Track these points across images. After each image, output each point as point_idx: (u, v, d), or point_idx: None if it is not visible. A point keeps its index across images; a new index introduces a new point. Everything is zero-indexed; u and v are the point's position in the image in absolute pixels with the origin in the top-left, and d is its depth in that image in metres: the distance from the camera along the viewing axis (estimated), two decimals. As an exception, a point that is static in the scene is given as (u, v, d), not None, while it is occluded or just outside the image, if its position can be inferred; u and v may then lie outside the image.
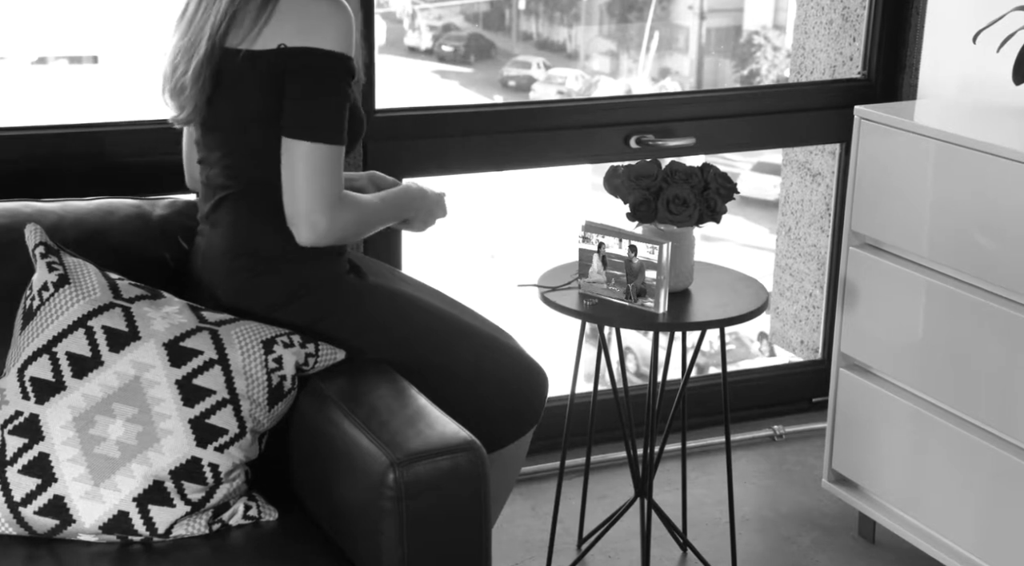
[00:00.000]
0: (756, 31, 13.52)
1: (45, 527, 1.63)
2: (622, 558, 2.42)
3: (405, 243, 2.62)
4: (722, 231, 3.48)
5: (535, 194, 4.41)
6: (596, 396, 2.39)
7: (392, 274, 2.09)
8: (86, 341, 1.67)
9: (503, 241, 3.53)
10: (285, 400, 1.74)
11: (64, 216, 1.86)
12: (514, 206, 4.62)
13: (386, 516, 1.57)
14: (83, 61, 10.05)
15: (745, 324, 2.24)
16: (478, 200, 4.48)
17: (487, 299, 3.67)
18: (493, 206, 4.59)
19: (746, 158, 10.81)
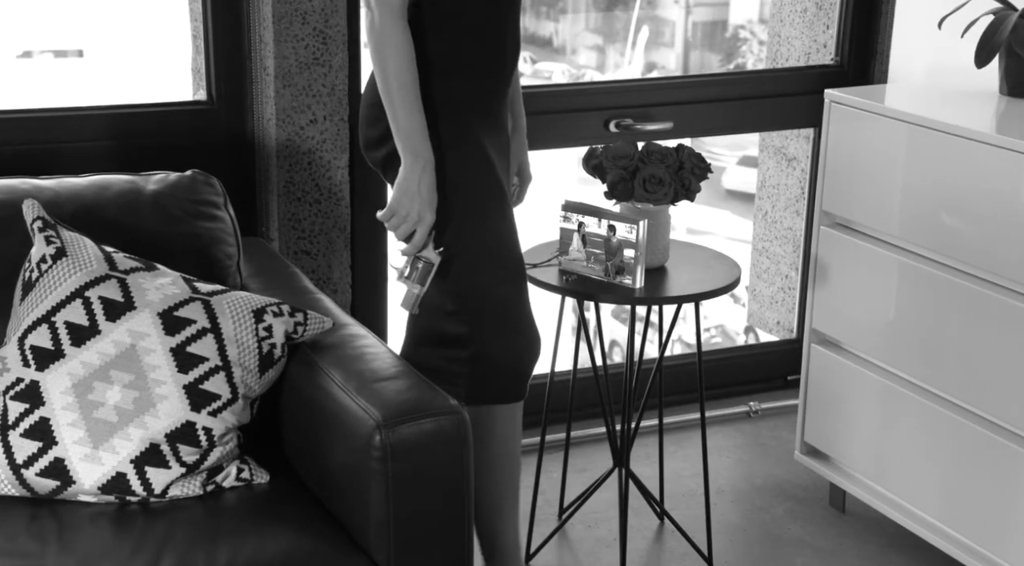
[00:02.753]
0: (742, 25, 13.61)
1: (46, 488, 1.70)
2: (601, 527, 2.50)
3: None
4: (708, 224, 3.56)
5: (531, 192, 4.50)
6: (576, 372, 2.46)
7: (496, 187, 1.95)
8: (84, 311, 1.74)
9: None
10: (275, 367, 1.81)
11: (60, 192, 1.93)
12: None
13: (373, 476, 1.64)
14: (68, 55, 10.07)
15: (732, 318, 2.30)
16: None
17: None
18: None
19: (731, 153, 10.89)
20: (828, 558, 2.42)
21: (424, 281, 1.89)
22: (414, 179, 1.82)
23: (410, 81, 1.80)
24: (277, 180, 2.45)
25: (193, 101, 2.49)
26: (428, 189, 1.84)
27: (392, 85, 1.80)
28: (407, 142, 1.82)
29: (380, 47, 1.79)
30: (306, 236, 2.50)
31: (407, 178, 1.82)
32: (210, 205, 2.03)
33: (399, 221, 1.85)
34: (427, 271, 1.88)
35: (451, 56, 1.87)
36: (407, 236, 1.87)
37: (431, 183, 1.84)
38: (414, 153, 1.81)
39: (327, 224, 2.51)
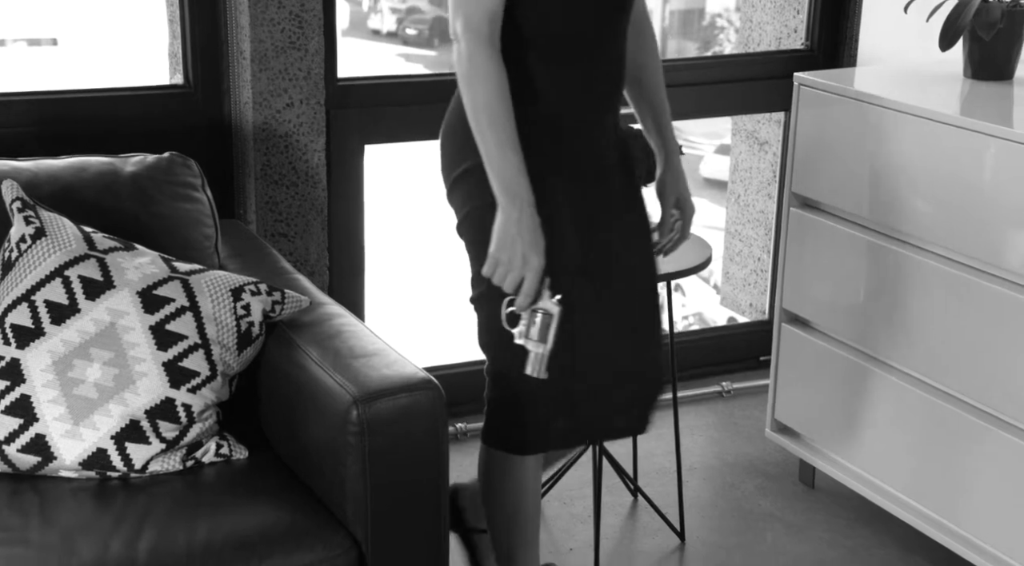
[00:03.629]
0: (719, 13, 13.65)
1: (28, 464, 1.72)
2: (576, 504, 2.55)
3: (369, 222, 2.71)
4: None
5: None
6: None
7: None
8: (63, 290, 1.76)
9: None
10: (253, 345, 1.84)
11: (38, 173, 1.95)
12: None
13: (349, 451, 1.67)
14: (42, 43, 10.01)
15: (713, 310, 2.33)
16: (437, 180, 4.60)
17: (463, 285, 3.78)
18: None
19: (709, 141, 10.95)
20: (798, 532, 2.47)
21: (546, 337, 1.67)
22: (512, 222, 1.66)
23: (502, 115, 1.65)
24: (254, 163, 2.47)
25: (170, 85, 2.51)
26: (530, 231, 1.66)
27: (483, 120, 1.66)
28: (502, 182, 1.66)
29: (469, 79, 1.66)
30: (283, 219, 2.52)
31: (506, 221, 1.66)
32: (188, 187, 2.05)
33: (504, 271, 1.67)
34: (547, 324, 1.66)
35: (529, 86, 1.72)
36: (516, 287, 1.68)
37: (532, 224, 1.67)
38: (510, 194, 1.66)
39: (304, 207, 2.53)
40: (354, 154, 2.62)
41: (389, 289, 3.33)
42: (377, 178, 3.37)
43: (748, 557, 2.39)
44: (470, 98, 1.67)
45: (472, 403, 2.86)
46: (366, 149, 2.64)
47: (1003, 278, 2.11)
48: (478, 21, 1.66)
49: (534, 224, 1.67)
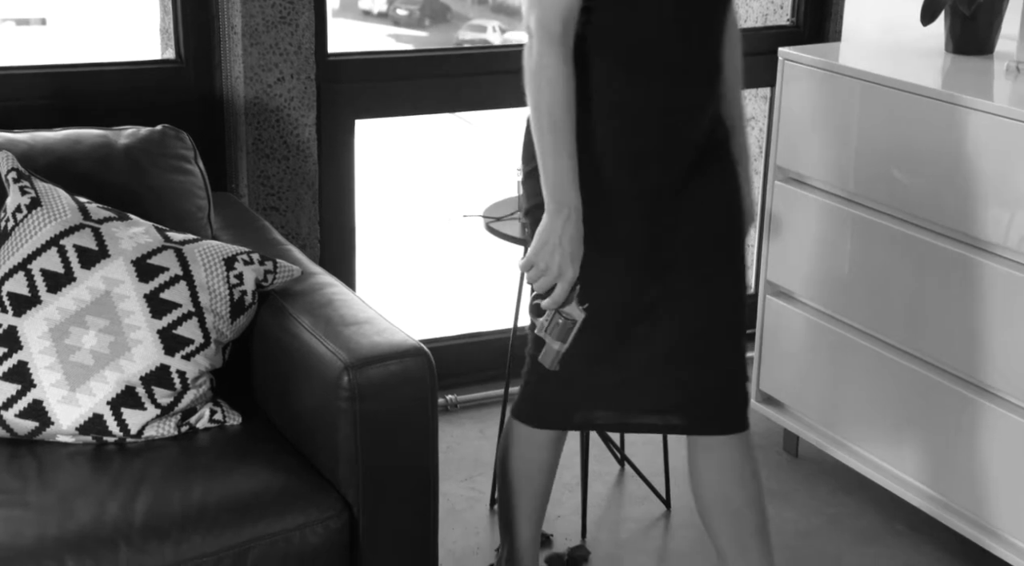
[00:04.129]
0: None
1: (25, 429, 1.76)
2: (565, 473, 2.59)
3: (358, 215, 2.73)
4: None
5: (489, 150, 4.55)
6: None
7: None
8: (59, 259, 1.79)
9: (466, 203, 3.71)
10: (246, 313, 1.87)
11: (33, 145, 1.97)
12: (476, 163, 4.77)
13: (341, 416, 1.71)
14: (31, 23, 9.98)
15: None
16: (435, 163, 4.60)
17: (453, 259, 3.81)
18: (450, 168, 4.72)
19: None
20: (781, 500, 2.52)
21: (565, 338, 1.72)
22: (556, 229, 1.65)
23: (563, 120, 1.62)
24: (246, 137, 2.50)
25: (162, 60, 2.53)
26: (571, 241, 1.66)
27: (544, 122, 1.63)
28: (552, 188, 1.64)
29: (534, 79, 1.62)
30: (275, 192, 2.55)
31: (549, 227, 1.65)
32: (181, 159, 2.08)
33: (538, 273, 1.68)
34: (568, 328, 1.71)
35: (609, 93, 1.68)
36: (547, 290, 1.69)
37: (575, 235, 1.66)
38: (558, 201, 1.64)
39: (295, 180, 2.56)
40: (345, 128, 2.65)
41: (380, 264, 3.36)
42: (369, 152, 3.39)
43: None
44: (534, 98, 1.63)
45: (462, 375, 2.91)
46: (357, 124, 2.67)
47: (982, 249, 2.15)
48: (551, 20, 1.62)
49: (577, 234, 1.66)
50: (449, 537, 2.35)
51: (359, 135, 2.69)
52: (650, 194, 1.74)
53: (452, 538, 2.36)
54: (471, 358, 2.93)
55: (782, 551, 2.34)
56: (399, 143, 4.50)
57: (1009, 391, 2.13)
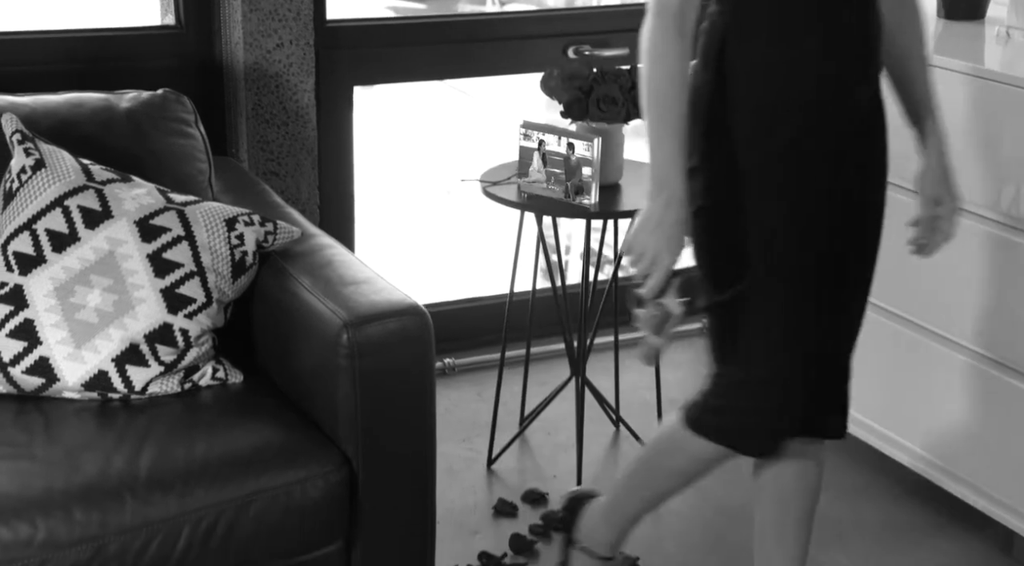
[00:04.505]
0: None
1: (32, 385, 1.80)
2: (560, 434, 2.64)
3: (358, 177, 2.76)
4: None
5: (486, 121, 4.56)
6: (535, 289, 2.58)
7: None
8: (63, 219, 1.82)
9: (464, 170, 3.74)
10: (247, 273, 1.91)
11: (36, 108, 2.00)
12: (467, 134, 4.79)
13: (340, 373, 1.75)
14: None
15: None
16: (432, 134, 4.62)
17: (446, 233, 3.84)
18: (448, 139, 4.74)
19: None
20: (773, 460, 2.56)
21: (660, 331, 1.61)
22: (656, 214, 1.57)
23: (672, 101, 1.54)
24: (245, 103, 2.52)
25: (162, 25, 2.55)
26: (670, 227, 1.57)
27: (652, 103, 1.55)
28: (655, 170, 1.57)
29: (648, 57, 1.55)
30: (274, 158, 2.58)
31: (648, 210, 1.58)
32: (182, 122, 2.11)
33: (635, 258, 1.60)
34: (662, 321, 1.60)
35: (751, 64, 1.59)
36: (645, 275, 1.61)
37: (675, 221, 1.57)
38: (660, 183, 1.57)
39: (295, 146, 2.59)
40: (343, 95, 2.67)
41: (378, 229, 3.40)
42: (368, 123, 3.42)
43: (725, 484, 2.48)
44: (645, 76, 1.56)
45: (460, 340, 2.95)
46: (356, 94, 2.70)
47: (969, 211, 2.18)
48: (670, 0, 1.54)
49: (676, 222, 1.58)
50: (447, 495, 2.40)
51: (358, 105, 2.72)
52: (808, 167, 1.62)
53: (450, 497, 2.41)
54: (469, 322, 2.97)
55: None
56: (396, 115, 4.52)
57: (1007, 357, 2.17)
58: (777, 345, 1.68)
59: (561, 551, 2.00)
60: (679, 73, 1.55)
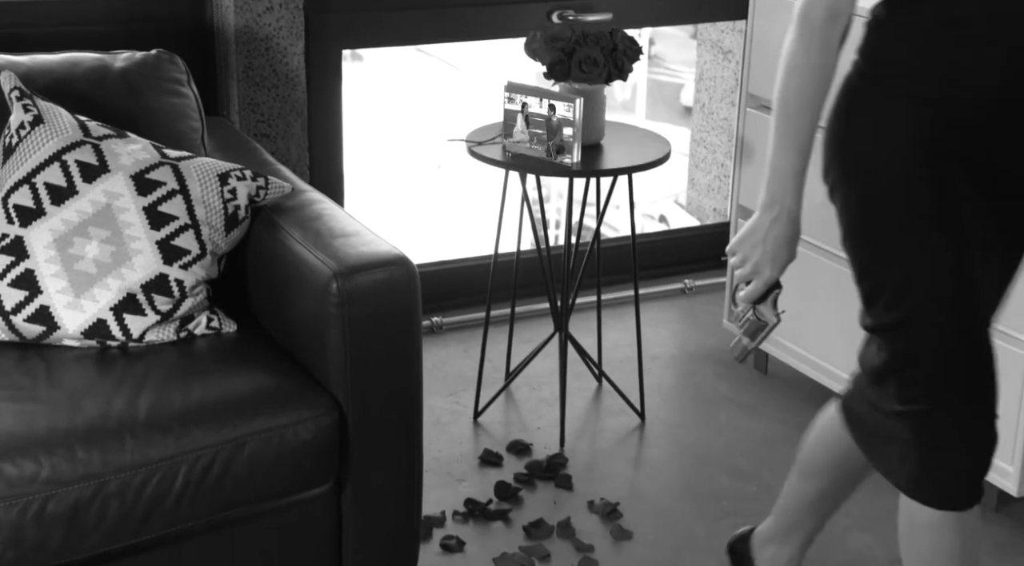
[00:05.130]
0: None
1: (33, 333, 1.86)
2: (544, 389, 2.72)
3: (347, 152, 2.81)
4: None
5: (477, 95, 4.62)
6: (519, 248, 2.65)
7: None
8: (62, 173, 1.89)
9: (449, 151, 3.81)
10: (240, 227, 1.97)
11: (33, 67, 2.06)
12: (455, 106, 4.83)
13: (330, 321, 1.82)
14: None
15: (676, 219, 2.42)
16: (422, 108, 4.66)
17: (435, 209, 3.90)
18: (439, 113, 4.79)
19: (689, 69, 10.99)
20: (750, 412, 2.65)
21: (754, 336, 1.64)
22: (763, 226, 1.55)
23: (800, 113, 1.49)
24: (236, 65, 2.58)
25: (154, -11, 2.60)
26: (775, 243, 1.56)
27: (778, 111, 1.52)
28: (770, 181, 1.54)
29: (782, 62, 1.51)
30: (265, 119, 2.64)
31: (757, 220, 1.55)
32: (175, 82, 2.17)
33: (738, 262, 1.60)
34: (758, 328, 1.62)
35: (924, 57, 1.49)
36: (746, 280, 1.60)
37: (781, 236, 1.55)
38: (772, 196, 1.54)
39: (285, 108, 2.65)
40: (332, 58, 2.73)
41: (367, 192, 3.46)
42: (358, 93, 3.47)
43: (702, 433, 2.58)
44: (779, 83, 1.52)
45: (447, 299, 3.03)
46: (347, 64, 2.75)
47: None
48: (813, 9, 1.50)
49: (783, 236, 1.56)
50: (435, 446, 2.48)
51: (351, 80, 2.77)
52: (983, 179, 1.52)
53: (437, 447, 2.49)
54: (455, 283, 3.05)
55: (746, 457, 2.48)
56: (388, 90, 4.57)
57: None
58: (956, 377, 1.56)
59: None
60: (811, 88, 1.50)
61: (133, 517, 1.69)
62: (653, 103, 5.66)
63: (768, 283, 1.59)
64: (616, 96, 5.27)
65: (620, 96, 5.47)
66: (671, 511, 2.31)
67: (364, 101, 3.78)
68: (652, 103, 5.62)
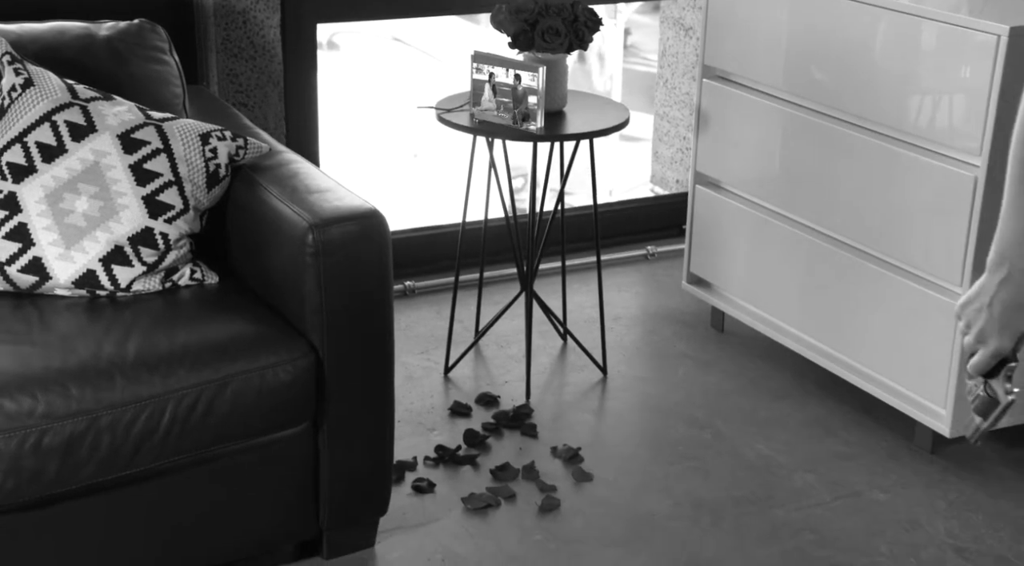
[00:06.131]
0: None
1: (27, 283, 1.98)
2: (512, 346, 2.86)
3: (323, 127, 2.92)
4: (643, 130, 3.90)
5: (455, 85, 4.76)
6: (487, 214, 2.77)
7: None
8: (51, 133, 2.00)
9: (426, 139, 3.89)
10: (220, 184, 2.10)
11: (22, 35, 2.17)
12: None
13: (306, 270, 1.95)
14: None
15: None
16: (399, 97, 4.76)
17: (411, 198, 4.01)
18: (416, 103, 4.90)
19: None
20: (706, 366, 2.80)
21: (985, 414, 1.44)
22: (990, 288, 1.40)
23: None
24: (215, 37, 2.69)
25: (135, -37, 2.70)
26: (1004, 307, 1.39)
27: (1011, 169, 1.39)
28: (998, 241, 1.40)
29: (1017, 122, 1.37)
30: (243, 90, 2.76)
31: (984, 283, 1.41)
32: (157, 50, 2.28)
33: (964, 327, 1.44)
34: (988, 406, 1.43)
35: None
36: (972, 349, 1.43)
37: (1010, 300, 1.39)
38: (1000, 254, 1.39)
39: (262, 79, 2.77)
40: (307, 31, 2.85)
41: (342, 162, 3.58)
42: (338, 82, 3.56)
43: (661, 386, 2.72)
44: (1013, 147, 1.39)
45: (419, 265, 3.15)
46: (325, 54, 2.86)
47: (880, 132, 2.41)
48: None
49: (1015, 302, 1.39)
50: (407, 399, 2.61)
51: (328, 68, 2.87)
52: None
53: (410, 400, 2.62)
54: (427, 249, 3.17)
55: (702, 407, 2.63)
56: (365, 77, 4.66)
57: (908, 263, 2.40)
58: None
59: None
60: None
61: (124, 450, 1.81)
62: (630, 93, 5.80)
63: (997, 355, 1.40)
64: (596, 87, 5.39)
65: (600, 86, 5.60)
66: (630, 456, 2.45)
67: (340, 90, 3.87)
68: (628, 93, 5.76)
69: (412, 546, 2.15)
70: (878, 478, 2.38)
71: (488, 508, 2.26)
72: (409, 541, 2.16)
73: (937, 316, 2.33)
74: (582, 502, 2.29)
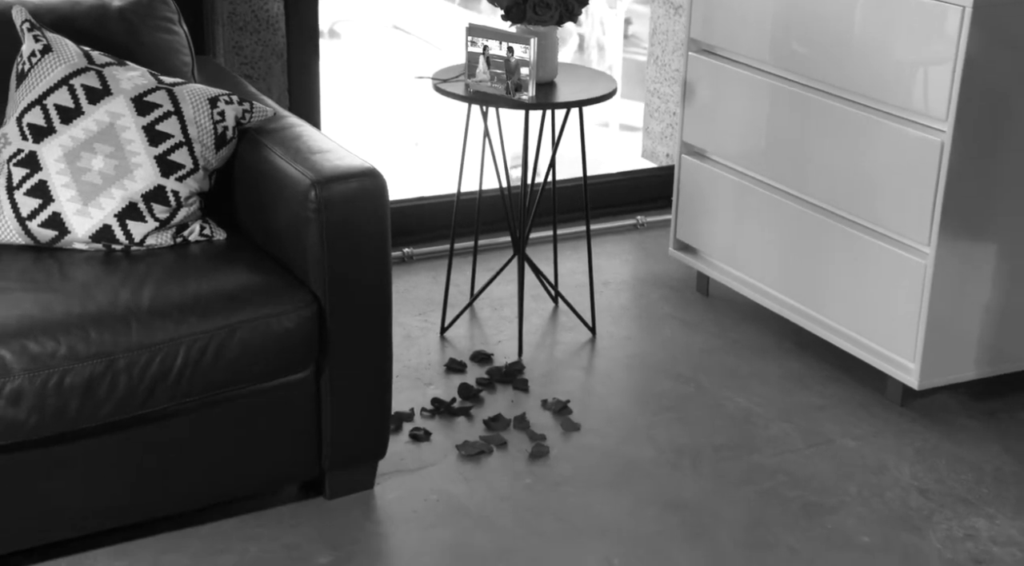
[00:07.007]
0: None
1: (47, 237, 2.11)
2: (505, 309, 2.98)
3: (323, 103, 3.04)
4: (639, 119, 4.02)
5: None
6: (482, 183, 2.90)
7: None
8: (69, 96, 2.13)
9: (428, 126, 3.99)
10: (228, 146, 2.22)
11: (39, 6, 2.29)
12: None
13: (310, 225, 2.07)
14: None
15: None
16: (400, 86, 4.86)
17: (412, 183, 4.14)
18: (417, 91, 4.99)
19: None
20: (691, 328, 2.93)
21: None
22: None
23: None
24: (221, 11, 2.82)
25: (144, -59, 2.82)
26: None
27: None
28: None
29: None
30: (248, 62, 2.88)
31: None
32: (167, 21, 2.40)
33: None
34: None
35: None
36: None
37: None
38: None
39: (266, 51, 2.89)
40: (309, 4, 2.97)
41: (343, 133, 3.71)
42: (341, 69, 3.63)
43: (647, 345, 2.85)
44: None
45: (417, 233, 3.28)
46: (328, 43, 2.98)
47: (854, 101, 2.53)
48: None
49: None
50: (405, 356, 2.74)
51: (328, 48, 2.98)
52: None
53: (407, 357, 2.75)
54: (425, 217, 3.30)
55: (686, 364, 2.76)
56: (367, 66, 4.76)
57: (880, 224, 2.53)
58: None
59: None
60: None
61: (139, 391, 1.94)
62: (629, 83, 5.92)
63: None
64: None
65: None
66: (616, 408, 2.58)
67: (342, 78, 3.97)
68: (628, 83, 5.88)
69: (409, 488, 2.28)
70: (850, 428, 2.51)
71: (481, 455, 2.39)
72: (407, 483, 2.29)
73: (907, 274, 2.46)
74: (570, 449, 2.42)
